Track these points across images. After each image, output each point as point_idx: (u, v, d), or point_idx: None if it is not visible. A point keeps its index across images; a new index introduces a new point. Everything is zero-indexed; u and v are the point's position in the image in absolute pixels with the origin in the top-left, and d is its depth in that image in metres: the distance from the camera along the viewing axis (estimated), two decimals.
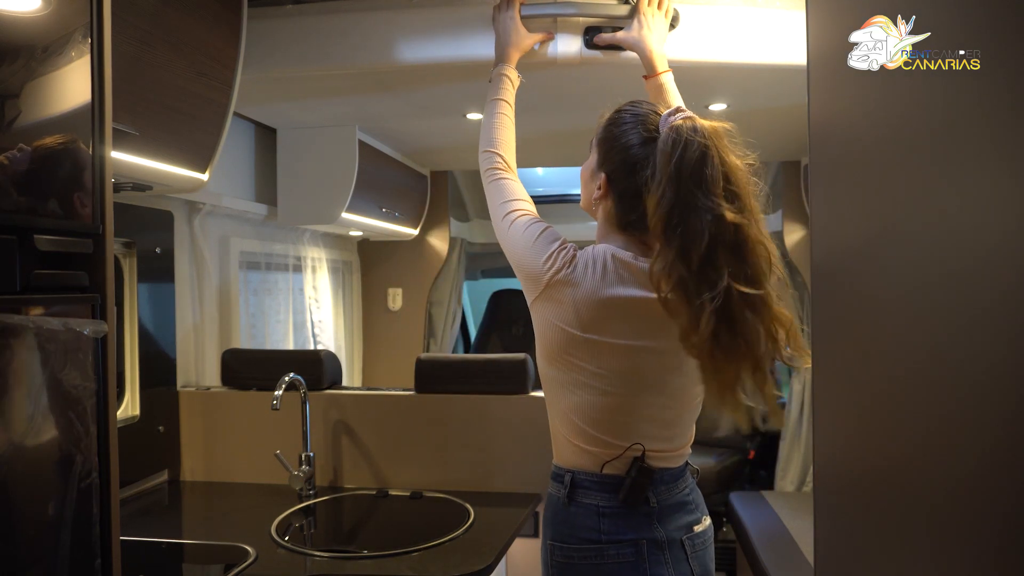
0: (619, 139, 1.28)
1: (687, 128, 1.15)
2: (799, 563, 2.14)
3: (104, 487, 0.94)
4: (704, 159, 1.12)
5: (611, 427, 1.25)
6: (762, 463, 3.39)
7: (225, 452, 2.22)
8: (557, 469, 1.32)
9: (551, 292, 1.24)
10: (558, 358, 1.26)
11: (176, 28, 1.54)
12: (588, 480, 1.26)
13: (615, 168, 1.28)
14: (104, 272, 0.96)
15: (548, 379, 1.31)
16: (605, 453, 1.25)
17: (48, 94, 0.92)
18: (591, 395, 1.24)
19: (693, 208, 1.12)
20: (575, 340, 1.23)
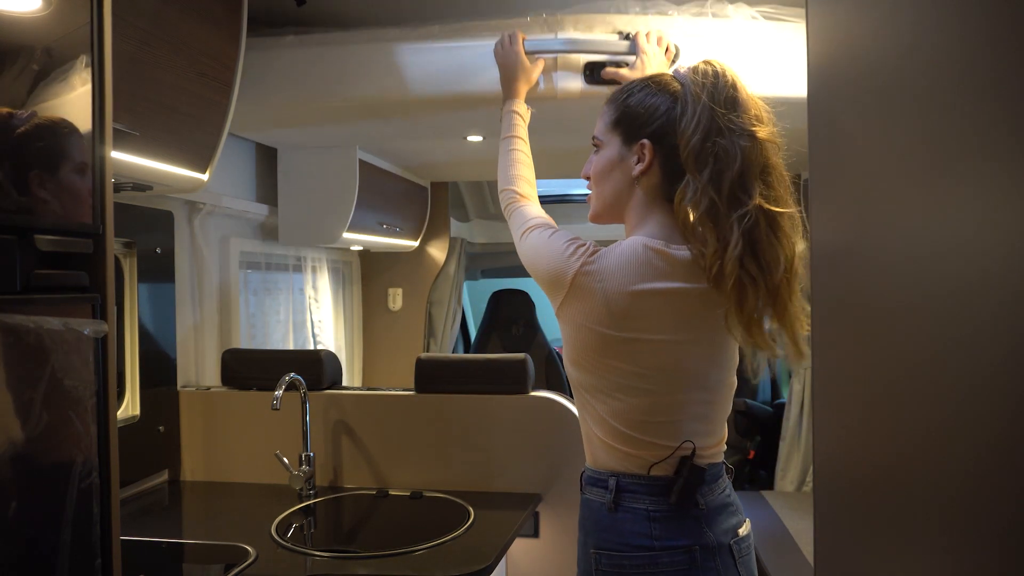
0: (644, 102, 1.24)
1: (712, 65, 1.19)
2: (799, 563, 2.14)
3: (104, 487, 0.94)
4: (736, 86, 1.17)
5: (658, 429, 1.20)
6: (762, 463, 3.39)
7: (225, 452, 2.22)
8: (595, 473, 1.25)
9: (577, 290, 1.19)
10: (594, 363, 1.20)
11: (176, 28, 1.54)
12: (635, 483, 1.20)
13: (656, 128, 1.22)
14: (104, 272, 0.96)
15: (582, 385, 1.24)
16: (652, 455, 1.20)
17: (48, 94, 0.92)
18: (634, 397, 1.19)
19: (727, 131, 1.14)
20: (611, 341, 1.18)
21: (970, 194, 0.54)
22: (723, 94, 1.16)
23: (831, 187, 0.85)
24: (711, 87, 1.16)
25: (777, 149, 1.17)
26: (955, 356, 0.56)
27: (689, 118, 1.17)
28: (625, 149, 1.26)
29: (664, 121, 1.21)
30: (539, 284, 1.28)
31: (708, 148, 1.14)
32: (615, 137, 1.27)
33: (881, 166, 0.70)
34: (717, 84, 1.16)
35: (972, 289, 0.54)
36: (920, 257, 0.62)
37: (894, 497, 0.67)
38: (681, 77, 1.22)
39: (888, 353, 0.68)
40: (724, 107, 1.15)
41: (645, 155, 1.23)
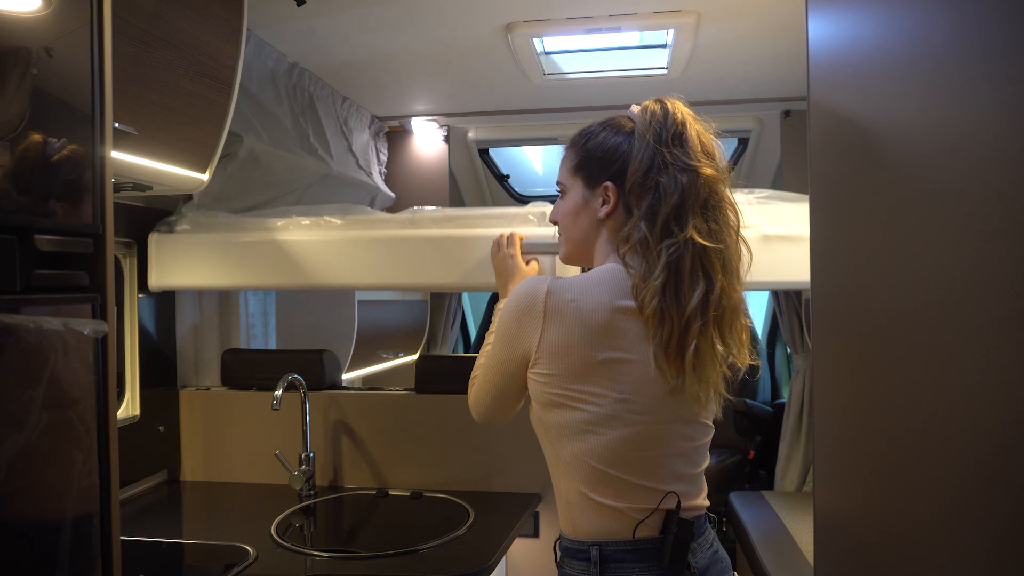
0: (603, 144, 1.25)
1: (663, 103, 1.21)
2: (799, 563, 2.14)
3: (104, 487, 0.94)
4: (684, 124, 1.18)
5: (643, 465, 1.13)
6: (762, 463, 3.38)
7: (225, 452, 2.22)
8: (573, 543, 1.16)
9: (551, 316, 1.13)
10: (567, 394, 1.13)
11: (176, 28, 1.54)
12: (621, 551, 1.11)
13: (616, 170, 1.22)
14: (104, 272, 0.96)
15: (558, 429, 1.16)
16: (637, 509, 1.12)
17: (48, 94, 0.92)
18: (616, 429, 1.11)
19: (669, 166, 1.15)
20: (590, 365, 1.11)
21: (974, 204, 0.54)
22: (670, 132, 1.17)
23: (830, 196, 0.85)
24: (658, 125, 1.18)
25: (722, 184, 1.18)
26: (956, 355, 0.56)
27: (635, 156, 1.18)
28: (588, 192, 1.26)
29: (622, 163, 1.22)
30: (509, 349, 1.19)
31: (648, 183, 1.16)
32: (578, 181, 1.28)
33: (880, 177, 0.70)
34: (665, 122, 1.18)
35: (974, 291, 0.53)
36: (920, 263, 0.62)
37: (895, 497, 0.67)
38: (632, 116, 1.24)
39: (888, 353, 0.68)
40: (670, 144, 1.16)
41: (609, 197, 1.23)
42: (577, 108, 2.89)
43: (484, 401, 1.30)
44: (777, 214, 1.78)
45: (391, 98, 2.87)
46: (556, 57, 2.43)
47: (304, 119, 2.46)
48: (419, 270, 1.84)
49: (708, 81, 2.59)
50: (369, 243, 1.86)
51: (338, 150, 2.67)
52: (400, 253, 1.85)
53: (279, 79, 2.33)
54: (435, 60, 2.40)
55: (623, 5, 1.97)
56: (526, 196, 3.73)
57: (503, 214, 1.84)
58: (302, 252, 1.88)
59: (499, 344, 1.22)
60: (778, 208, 1.80)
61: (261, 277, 1.93)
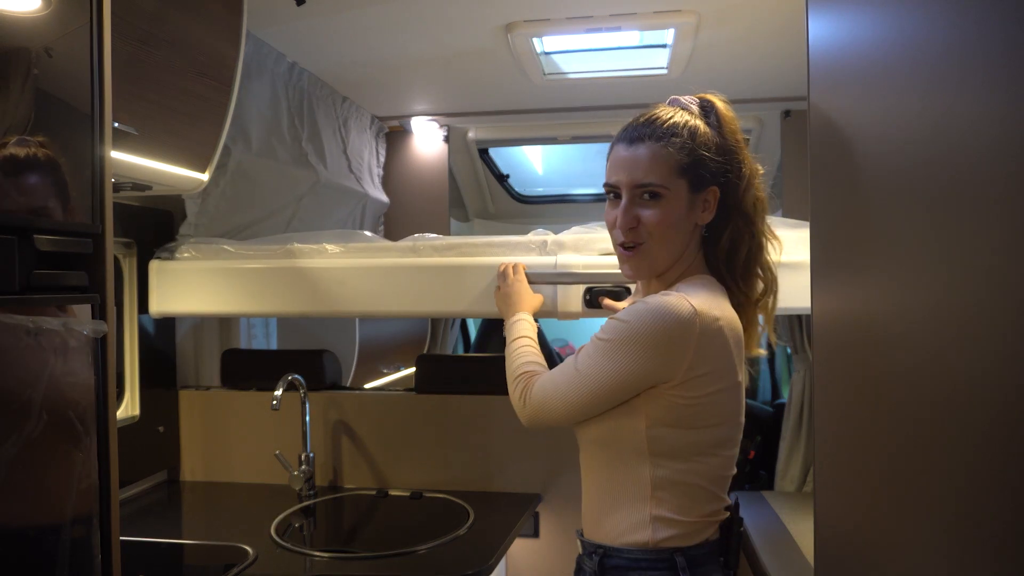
0: (708, 145, 1.19)
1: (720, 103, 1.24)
2: (799, 563, 2.14)
3: (104, 487, 0.94)
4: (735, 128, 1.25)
5: (725, 482, 1.21)
6: (762, 463, 3.38)
7: (225, 452, 2.21)
8: (650, 554, 1.13)
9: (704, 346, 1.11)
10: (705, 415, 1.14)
11: (176, 28, 1.53)
12: (703, 555, 1.15)
13: (721, 174, 1.18)
14: (104, 272, 0.96)
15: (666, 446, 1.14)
16: (713, 521, 1.19)
17: (48, 94, 0.92)
18: (729, 449, 1.19)
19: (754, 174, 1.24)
20: (732, 386, 1.16)
21: (974, 204, 0.54)
22: (736, 135, 1.21)
23: (831, 196, 0.85)
24: (734, 128, 1.22)
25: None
26: (956, 354, 0.56)
27: (737, 165, 1.20)
28: (693, 196, 1.16)
29: (729, 168, 1.19)
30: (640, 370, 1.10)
31: (751, 193, 1.20)
32: (682, 184, 1.15)
33: (880, 181, 0.70)
34: (736, 127, 1.22)
35: (972, 292, 0.53)
36: (921, 266, 0.62)
37: (895, 497, 0.67)
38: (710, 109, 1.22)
39: (888, 353, 0.68)
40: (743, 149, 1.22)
41: (710, 202, 1.18)
42: (577, 108, 2.89)
43: (562, 408, 1.17)
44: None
45: (391, 98, 2.87)
46: (556, 57, 2.43)
47: (300, 121, 2.46)
48: (420, 298, 1.84)
49: (708, 81, 2.57)
50: (370, 271, 1.86)
51: (332, 153, 2.66)
52: (401, 281, 1.84)
53: (277, 79, 2.33)
54: (435, 60, 2.40)
55: (623, 5, 1.97)
56: (526, 196, 3.73)
57: (504, 242, 1.84)
58: (303, 280, 1.88)
59: (624, 361, 1.10)
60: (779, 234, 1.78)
61: (262, 305, 1.94)
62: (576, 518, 1.30)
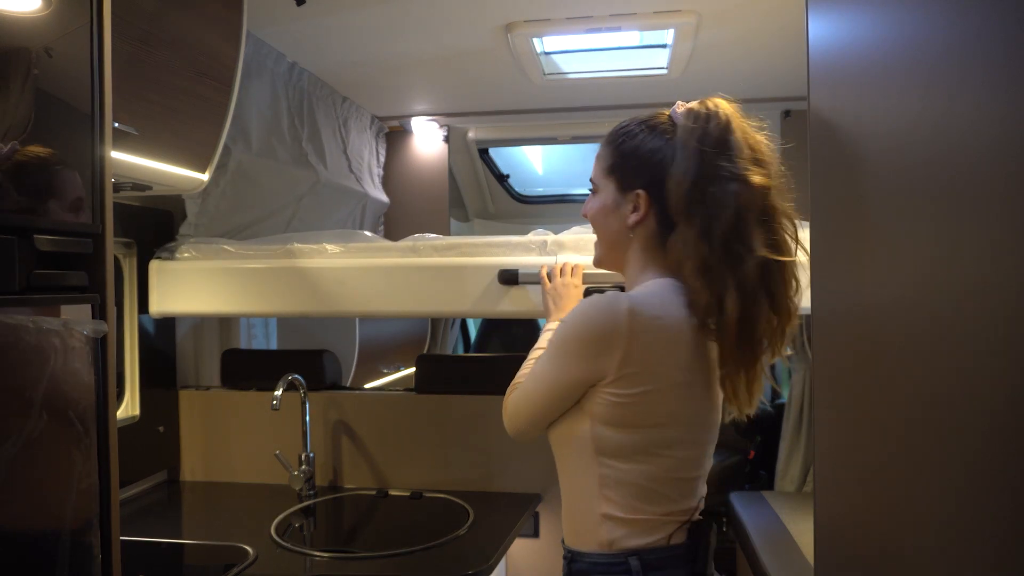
0: (640, 148, 1.17)
1: (706, 106, 1.14)
2: (799, 563, 2.14)
3: (104, 487, 0.94)
4: (728, 127, 1.11)
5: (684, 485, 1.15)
6: (762, 463, 3.38)
7: (225, 452, 2.22)
8: (606, 558, 1.13)
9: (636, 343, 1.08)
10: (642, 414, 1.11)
11: (176, 28, 1.53)
12: (659, 558, 1.11)
13: (651, 178, 1.16)
14: (104, 272, 0.96)
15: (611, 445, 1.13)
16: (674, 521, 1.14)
17: (48, 94, 0.92)
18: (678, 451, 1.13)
19: (717, 177, 1.08)
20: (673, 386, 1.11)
21: (974, 204, 0.54)
22: (713, 136, 1.10)
23: (830, 196, 0.85)
24: (700, 130, 1.11)
25: (778, 192, 1.11)
26: (957, 356, 0.56)
27: (677, 165, 1.11)
28: (620, 196, 1.20)
29: (659, 171, 1.15)
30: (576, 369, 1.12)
31: (697, 197, 1.09)
32: (611, 183, 1.21)
33: (882, 180, 0.70)
34: (708, 127, 1.11)
35: (972, 292, 0.53)
36: (921, 266, 0.62)
37: (895, 497, 0.67)
38: (675, 118, 1.17)
39: (889, 353, 0.68)
40: (714, 151, 1.09)
41: (640, 205, 1.17)
42: (577, 108, 2.89)
43: (526, 416, 1.21)
44: None
45: (391, 98, 2.87)
46: (556, 57, 2.43)
47: (300, 121, 2.46)
48: (420, 298, 1.84)
49: (708, 81, 2.59)
50: (370, 271, 1.86)
51: (332, 153, 2.66)
52: (401, 281, 1.84)
53: (277, 79, 2.33)
54: (435, 60, 2.40)
55: (623, 5, 1.97)
56: (526, 196, 3.73)
57: (504, 242, 1.84)
58: (303, 280, 1.88)
59: (562, 362, 1.13)
60: None
61: (262, 305, 1.94)
62: None
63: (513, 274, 1.75)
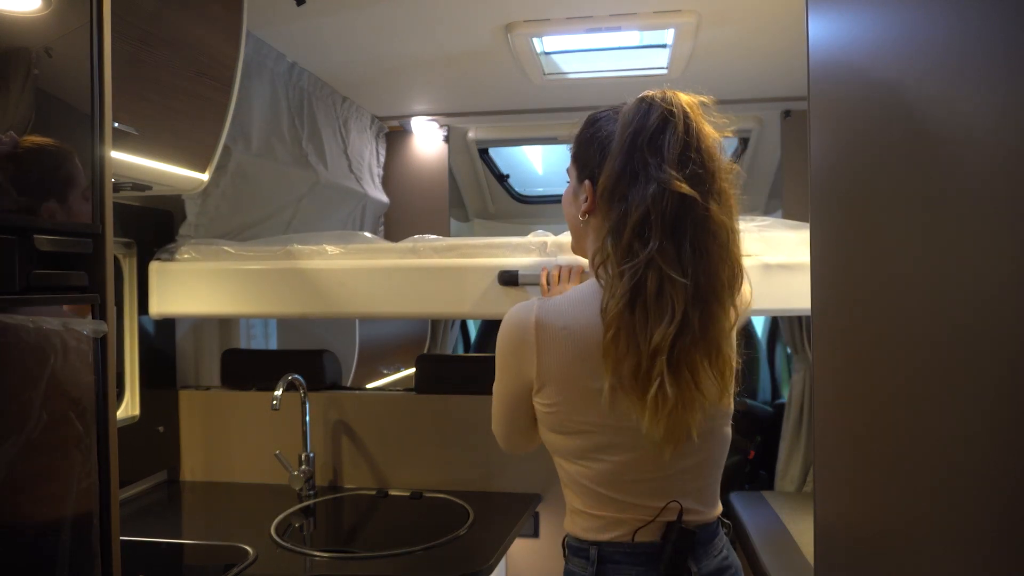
0: (593, 137, 1.14)
1: (655, 97, 1.07)
2: (799, 563, 2.14)
3: (104, 487, 0.94)
4: (665, 125, 1.04)
5: (643, 486, 1.10)
6: (762, 463, 3.38)
7: (225, 452, 2.22)
8: (576, 542, 1.15)
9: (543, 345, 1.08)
10: (569, 422, 1.10)
11: (176, 28, 1.54)
12: (619, 552, 1.10)
13: (598, 166, 1.11)
14: (104, 272, 0.96)
15: (559, 448, 1.15)
16: (637, 520, 1.10)
17: (48, 94, 0.92)
18: (617, 455, 1.09)
19: (639, 177, 1.03)
20: (587, 394, 1.07)
21: (975, 205, 0.54)
22: (647, 134, 1.04)
23: (831, 197, 0.85)
24: (638, 125, 1.05)
25: (714, 199, 1.04)
26: (958, 358, 0.56)
27: (610, 159, 1.07)
28: (578, 186, 1.18)
29: (603, 159, 1.11)
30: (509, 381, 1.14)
31: (618, 193, 1.05)
32: (573, 171, 1.20)
33: (882, 181, 0.70)
34: (646, 123, 1.04)
35: (972, 293, 0.53)
36: (922, 267, 0.62)
37: (895, 497, 0.67)
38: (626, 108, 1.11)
39: (889, 354, 0.68)
40: (646, 149, 1.03)
41: (587, 195, 1.14)
42: (577, 108, 2.89)
43: (501, 432, 1.23)
44: (778, 242, 1.76)
45: (391, 98, 2.87)
46: (556, 57, 2.43)
47: (300, 121, 2.46)
48: (420, 299, 1.84)
49: (708, 81, 2.57)
50: (370, 272, 1.86)
51: (332, 153, 2.66)
52: (401, 282, 1.84)
53: (277, 79, 2.33)
54: (435, 60, 2.40)
55: (623, 5, 1.97)
56: (526, 196, 3.72)
57: (504, 243, 1.84)
58: (303, 281, 1.88)
59: (499, 376, 1.17)
60: (779, 236, 1.77)
61: (262, 306, 1.94)
62: None
63: (513, 275, 1.75)
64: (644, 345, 1.01)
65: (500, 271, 1.77)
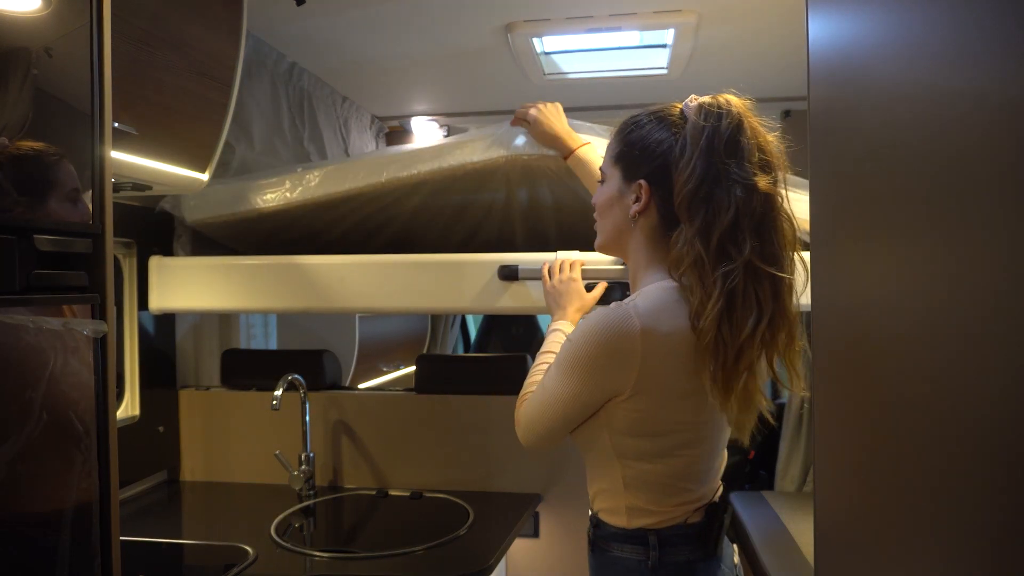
0: (646, 139, 1.18)
1: (718, 103, 1.13)
2: (799, 563, 2.14)
3: (104, 487, 0.94)
4: (740, 128, 1.10)
5: (703, 475, 1.18)
6: (762, 463, 3.38)
7: (225, 452, 2.22)
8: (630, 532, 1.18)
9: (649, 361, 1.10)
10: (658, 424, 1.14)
11: (176, 28, 1.53)
12: (676, 536, 1.16)
13: (654, 169, 1.16)
14: (104, 272, 0.96)
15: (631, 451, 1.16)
16: (691, 507, 1.18)
17: (48, 94, 0.92)
18: (695, 448, 1.16)
19: (723, 179, 1.08)
20: (684, 394, 1.12)
21: (975, 205, 0.54)
22: (724, 137, 1.09)
23: (831, 197, 0.85)
24: (711, 129, 1.10)
25: (779, 197, 1.11)
26: (958, 358, 0.56)
27: (685, 163, 1.11)
28: (624, 186, 1.21)
29: (663, 162, 1.15)
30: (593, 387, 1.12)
31: (701, 196, 1.09)
32: (616, 172, 1.22)
33: (883, 182, 0.70)
34: (719, 126, 1.10)
35: (972, 292, 0.53)
36: (923, 267, 0.62)
37: (895, 497, 0.67)
38: (687, 112, 1.16)
39: (889, 354, 0.68)
40: (724, 152, 1.09)
41: (642, 196, 1.17)
42: (577, 108, 2.88)
43: (543, 431, 1.20)
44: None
45: (391, 98, 2.87)
46: (556, 57, 2.43)
47: (300, 120, 2.46)
48: (421, 294, 1.84)
49: (708, 81, 2.58)
50: (370, 267, 1.86)
51: (334, 152, 2.67)
52: (402, 277, 1.84)
53: (278, 79, 2.33)
54: (435, 60, 2.40)
55: (623, 5, 1.97)
56: None
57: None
58: (304, 276, 1.88)
59: (577, 380, 1.13)
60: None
61: (262, 301, 1.94)
62: (576, 518, 1.31)
63: (513, 270, 1.75)
64: (732, 342, 1.07)
65: (500, 266, 1.77)
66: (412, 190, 1.74)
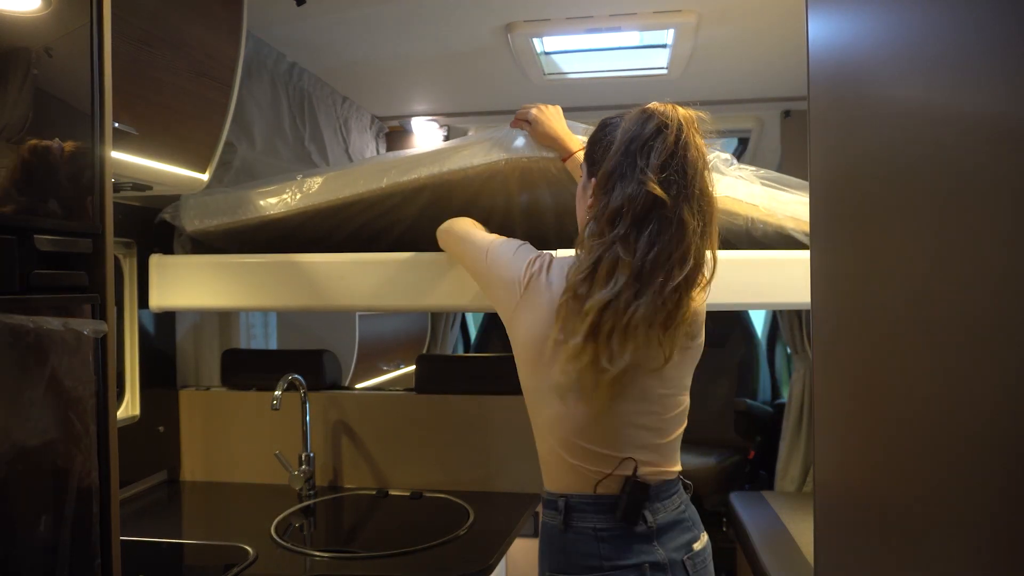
0: (604, 139, 1.27)
1: (656, 109, 1.21)
2: (799, 563, 2.14)
3: (104, 487, 0.94)
4: (658, 134, 1.18)
5: (602, 435, 1.24)
6: (762, 463, 3.38)
7: (225, 452, 2.22)
8: (549, 495, 1.30)
9: (529, 295, 1.26)
10: (540, 359, 1.25)
11: (176, 28, 1.54)
12: (583, 503, 1.24)
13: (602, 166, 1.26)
14: (104, 272, 0.96)
15: (532, 391, 1.30)
16: (597, 472, 1.23)
17: (48, 94, 0.92)
18: (581, 401, 1.22)
19: (626, 176, 1.18)
20: (552, 345, 1.22)
21: (976, 205, 0.54)
22: (642, 141, 1.18)
23: (831, 197, 0.85)
24: (636, 132, 1.19)
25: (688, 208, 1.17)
26: (959, 358, 0.56)
27: (609, 157, 1.21)
28: (587, 182, 1.29)
29: (597, 167, 1.25)
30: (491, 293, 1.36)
31: (608, 187, 1.20)
32: (584, 170, 1.32)
33: (882, 179, 0.70)
34: (642, 131, 1.19)
35: (972, 292, 0.54)
36: (923, 267, 0.62)
37: (895, 497, 0.67)
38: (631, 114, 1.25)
39: (889, 354, 0.68)
40: (636, 153, 1.18)
41: (595, 192, 1.25)
42: (577, 108, 2.88)
43: (454, 249, 1.50)
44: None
45: (391, 98, 2.87)
46: (556, 57, 2.43)
47: (301, 120, 2.46)
48: (421, 292, 1.84)
49: (708, 81, 2.59)
50: (371, 265, 1.86)
51: (334, 152, 2.67)
52: (402, 275, 1.84)
53: (278, 79, 2.33)
54: (435, 60, 2.40)
55: (623, 5, 1.97)
56: None
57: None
58: (304, 274, 1.88)
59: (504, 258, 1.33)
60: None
61: (263, 299, 1.94)
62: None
63: None
64: (582, 308, 1.18)
65: None
66: (413, 194, 1.74)
